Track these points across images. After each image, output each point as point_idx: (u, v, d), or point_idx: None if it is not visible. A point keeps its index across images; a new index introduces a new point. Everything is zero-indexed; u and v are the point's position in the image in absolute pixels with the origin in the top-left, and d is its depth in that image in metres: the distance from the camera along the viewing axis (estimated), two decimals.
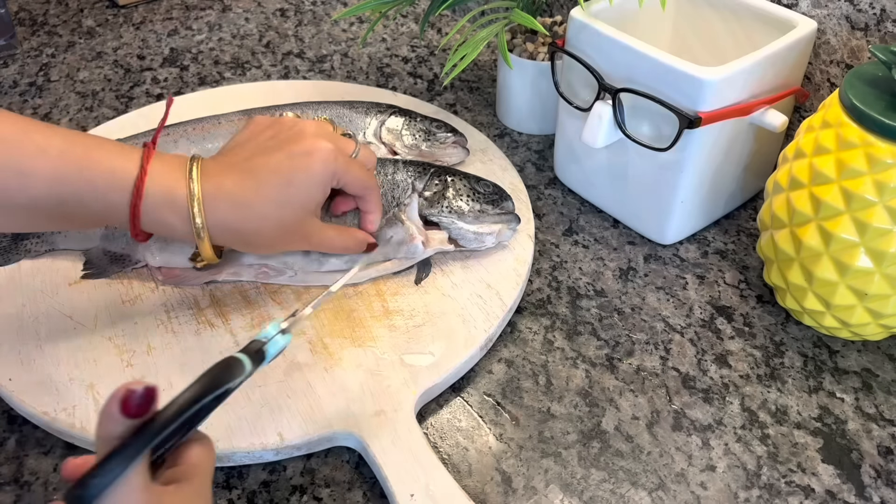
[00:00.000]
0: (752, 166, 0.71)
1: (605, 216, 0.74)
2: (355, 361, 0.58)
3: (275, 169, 0.54)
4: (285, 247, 0.58)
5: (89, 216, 0.52)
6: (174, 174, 0.52)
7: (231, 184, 0.54)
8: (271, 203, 0.54)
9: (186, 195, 0.52)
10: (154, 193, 0.51)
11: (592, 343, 0.63)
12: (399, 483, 0.51)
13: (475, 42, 0.69)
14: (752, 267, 0.69)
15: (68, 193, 0.50)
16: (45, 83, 0.93)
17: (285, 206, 0.55)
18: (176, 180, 0.52)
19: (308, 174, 0.55)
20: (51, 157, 0.49)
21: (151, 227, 0.53)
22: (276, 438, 0.53)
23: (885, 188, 0.52)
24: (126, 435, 0.37)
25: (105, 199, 0.51)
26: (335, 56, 0.98)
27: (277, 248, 0.58)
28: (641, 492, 0.53)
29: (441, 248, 0.65)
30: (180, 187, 0.52)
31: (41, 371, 0.57)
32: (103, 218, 0.52)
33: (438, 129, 0.75)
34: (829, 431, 0.57)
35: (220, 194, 0.53)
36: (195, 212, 0.52)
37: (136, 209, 0.51)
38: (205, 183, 0.53)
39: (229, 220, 0.53)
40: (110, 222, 0.53)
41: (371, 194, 0.61)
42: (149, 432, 0.37)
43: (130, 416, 0.37)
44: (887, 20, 0.65)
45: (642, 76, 0.62)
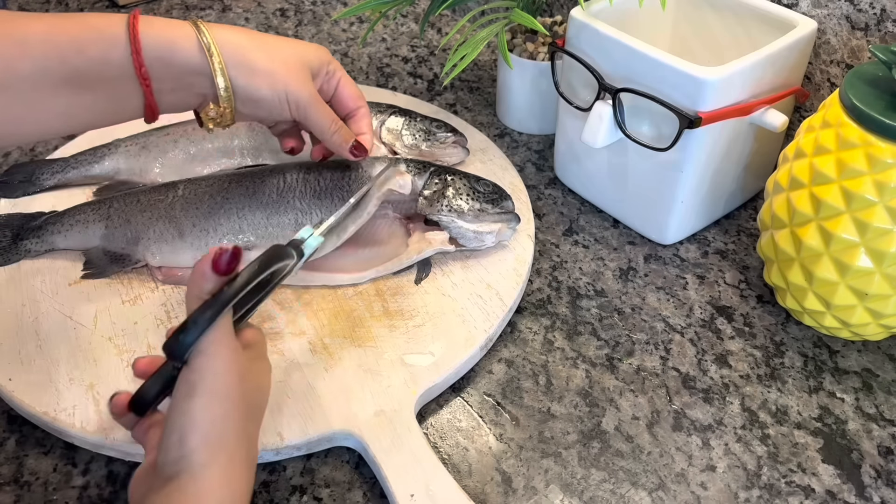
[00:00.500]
0: (752, 166, 0.71)
1: (605, 216, 0.74)
2: (355, 361, 0.58)
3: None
4: (290, 84, 0.57)
5: (93, 71, 0.51)
6: (170, 24, 0.54)
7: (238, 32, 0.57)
8: (282, 41, 0.59)
9: (192, 30, 0.54)
10: (150, 34, 0.52)
11: (592, 343, 0.63)
12: (399, 483, 0.51)
13: (475, 42, 0.69)
14: (752, 267, 0.69)
15: (66, 44, 0.49)
16: None
17: (296, 44, 0.60)
18: (174, 26, 0.54)
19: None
20: (44, 19, 0.50)
21: (156, 57, 0.52)
22: (276, 438, 0.53)
23: (886, 188, 0.52)
24: (214, 291, 0.43)
25: (103, 38, 0.51)
26: (335, 56, 0.98)
27: (281, 83, 0.57)
28: (641, 492, 0.53)
29: (441, 248, 0.65)
30: (182, 27, 0.54)
31: (41, 371, 0.57)
32: (106, 66, 0.51)
33: (438, 129, 0.75)
34: (830, 431, 0.57)
35: (228, 33, 0.55)
36: (205, 37, 0.53)
37: (135, 36, 0.51)
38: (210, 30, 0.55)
39: (242, 44, 0.56)
40: (113, 70, 0.51)
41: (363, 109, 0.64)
42: (233, 289, 0.43)
43: (220, 273, 0.43)
44: (887, 20, 0.65)
45: (642, 76, 0.62)
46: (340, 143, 0.62)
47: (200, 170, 0.73)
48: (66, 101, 0.51)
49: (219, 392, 0.42)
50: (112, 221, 0.66)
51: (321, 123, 0.60)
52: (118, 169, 0.73)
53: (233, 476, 0.42)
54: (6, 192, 0.72)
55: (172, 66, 0.53)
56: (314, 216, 0.64)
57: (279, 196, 0.65)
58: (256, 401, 0.47)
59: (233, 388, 0.43)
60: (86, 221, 0.66)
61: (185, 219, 0.65)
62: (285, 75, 0.57)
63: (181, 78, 0.54)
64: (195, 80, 0.55)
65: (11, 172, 0.73)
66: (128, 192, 0.68)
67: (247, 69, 0.56)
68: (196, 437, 0.41)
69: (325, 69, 0.61)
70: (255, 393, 0.47)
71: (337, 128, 0.61)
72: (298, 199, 0.65)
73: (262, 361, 0.49)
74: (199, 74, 0.54)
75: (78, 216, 0.66)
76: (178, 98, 0.56)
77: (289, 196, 0.65)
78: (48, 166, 0.73)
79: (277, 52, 0.57)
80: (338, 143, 0.62)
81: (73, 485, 0.53)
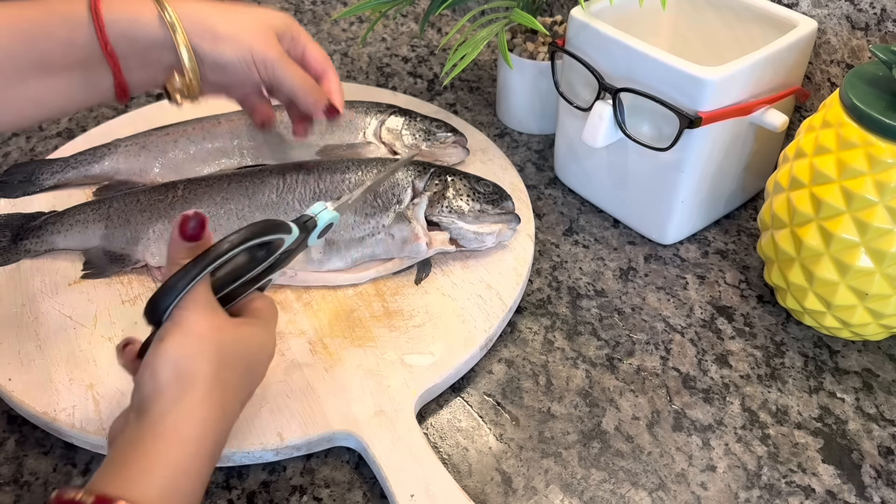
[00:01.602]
0: (752, 166, 0.71)
1: (605, 216, 0.74)
2: (355, 361, 0.58)
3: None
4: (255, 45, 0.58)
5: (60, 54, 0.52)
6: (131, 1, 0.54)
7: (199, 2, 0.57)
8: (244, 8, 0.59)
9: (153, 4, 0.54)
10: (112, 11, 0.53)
11: (593, 343, 0.63)
12: (399, 483, 0.51)
13: (475, 42, 0.69)
14: (752, 267, 0.69)
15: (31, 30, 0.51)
16: None
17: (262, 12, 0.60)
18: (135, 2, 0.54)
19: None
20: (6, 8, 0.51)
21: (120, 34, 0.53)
22: (276, 438, 0.53)
23: (886, 188, 0.52)
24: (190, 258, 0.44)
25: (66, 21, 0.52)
26: (335, 56, 0.98)
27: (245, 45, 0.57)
28: (642, 492, 0.53)
29: (442, 249, 0.65)
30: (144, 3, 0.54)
31: (41, 371, 0.57)
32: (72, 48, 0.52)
33: (438, 128, 0.75)
34: (830, 431, 0.56)
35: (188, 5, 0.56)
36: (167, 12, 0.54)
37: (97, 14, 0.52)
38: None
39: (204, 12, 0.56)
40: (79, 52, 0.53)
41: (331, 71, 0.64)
42: (210, 255, 0.44)
43: (186, 239, 0.45)
44: (887, 20, 0.65)
45: (642, 76, 0.62)
46: (314, 103, 0.62)
47: (200, 170, 0.73)
48: (35, 87, 0.52)
49: (192, 333, 0.43)
50: (112, 221, 0.66)
51: (292, 81, 0.60)
52: (118, 169, 0.73)
53: (204, 416, 0.42)
54: (6, 192, 0.72)
55: (137, 42, 0.54)
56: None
57: (279, 197, 0.65)
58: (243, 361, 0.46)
59: (207, 334, 0.44)
60: (85, 221, 0.66)
61: None
62: (249, 38, 0.57)
63: (147, 53, 0.55)
64: (161, 55, 0.55)
65: (11, 172, 0.73)
66: (127, 192, 0.68)
67: (210, 36, 0.56)
68: (167, 371, 0.42)
69: (290, 33, 0.61)
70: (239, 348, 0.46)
71: (310, 86, 0.61)
72: (298, 200, 0.65)
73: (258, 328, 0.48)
74: (164, 48, 0.55)
75: (78, 216, 0.66)
76: (147, 74, 0.57)
77: (288, 197, 0.65)
78: (48, 166, 0.73)
79: (240, 17, 0.58)
80: (312, 102, 0.62)
81: (73, 485, 0.53)
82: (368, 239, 0.64)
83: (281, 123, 0.75)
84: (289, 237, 0.49)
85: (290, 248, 0.51)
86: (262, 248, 0.48)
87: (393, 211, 0.65)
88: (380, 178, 0.62)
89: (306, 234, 0.51)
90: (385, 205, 0.65)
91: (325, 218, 0.52)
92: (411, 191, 0.66)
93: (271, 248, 0.49)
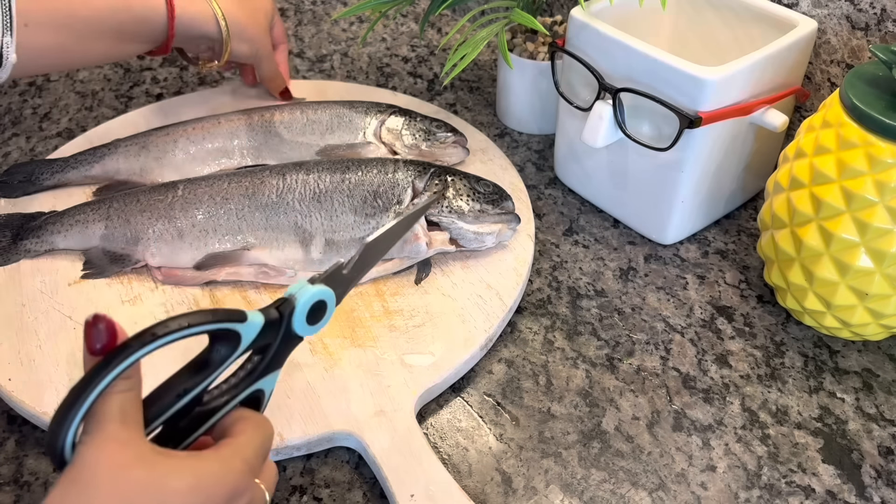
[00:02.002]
0: (752, 166, 0.71)
1: (605, 216, 0.74)
2: (355, 361, 0.58)
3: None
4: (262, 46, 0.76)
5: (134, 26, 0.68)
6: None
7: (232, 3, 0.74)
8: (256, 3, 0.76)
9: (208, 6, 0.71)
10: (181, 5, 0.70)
11: (592, 343, 0.63)
12: (399, 483, 0.51)
13: (475, 42, 0.69)
14: (752, 267, 0.69)
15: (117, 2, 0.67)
16: (44, 83, 0.93)
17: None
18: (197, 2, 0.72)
19: None
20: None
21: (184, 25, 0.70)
22: (276, 438, 0.53)
23: (886, 188, 0.52)
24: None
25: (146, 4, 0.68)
26: (335, 56, 0.98)
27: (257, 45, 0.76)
28: (642, 492, 0.53)
29: (442, 249, 0.65)
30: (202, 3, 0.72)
31: (41, 371, 0.57)
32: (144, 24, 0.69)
33: (438, 129, 0.75)
34: (830, 431, 0.56)
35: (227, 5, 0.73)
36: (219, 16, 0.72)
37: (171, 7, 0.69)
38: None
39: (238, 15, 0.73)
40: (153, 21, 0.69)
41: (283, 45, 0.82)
42: (109, 360, 0.33)
43: (96, 354, 0.34)
44: (887, 20, 0.65)
45: (642, 76, 0.62)
46: (275, 88, 0.81)
47: (200, 170, 0.73)
48: (106, 46, 0.68)
49: (81, 481, 0.32)
50: (112, 221, 0.66)
51: (268, 73, 0.79)
52: (118, 169, 0.73)
53: None
54: (6, 191, 0.72)
55: (192, 32, 0.71)
56: (314, 218, 0.64)
57: (279, 197, 0.65)
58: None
59: (106, 477, 0.32)
60: (86, 221, 0.66)
61: (185, 219, 0.65)
62: (262, 40, 0.76)
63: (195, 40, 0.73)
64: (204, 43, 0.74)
65: (11, 172, 0.73)
66: (127, 192, 0.68)
67: (239, 38, 0.74)
68: None
69: (275, 17, 0.79)
70: (166, 496, 0.33)
71: (275, 74, 0.79)
72: (298, 200, 0.65)
73: (213, 460, 0.35)
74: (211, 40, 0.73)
75: (78, 216, 0.66)
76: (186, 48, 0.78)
77: (288, 197, 0.65)
78: (48, 166, 0.73)
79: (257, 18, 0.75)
80: (273, 87, 0.81)
81: None
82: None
83: (281, 123, 0.75)
84: (243, 327, 0.38)
85: (263, 344, 0.40)
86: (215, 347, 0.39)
87: (393, 211, 0.65)
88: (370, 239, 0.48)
89: (281, 321, 0.41)
90: (385, 205, 0.65)
91: (307, 296, 0.41)
92: (411, 191, 0.66)
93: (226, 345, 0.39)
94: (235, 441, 0.37)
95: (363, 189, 0.65)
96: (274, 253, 0.64)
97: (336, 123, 0.75)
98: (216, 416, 0.39)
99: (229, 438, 0.37)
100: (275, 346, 0.41)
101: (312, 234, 0.64)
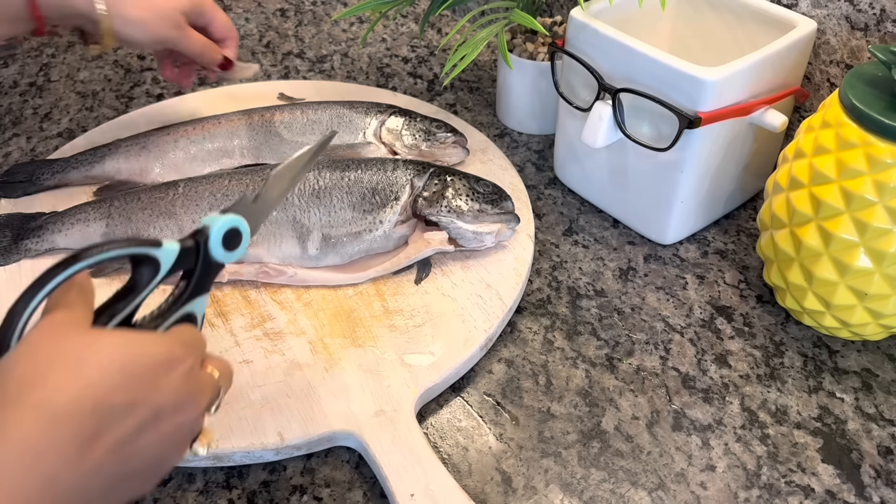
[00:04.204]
0: (751, 166, 0.71)
1: (605, 216, 0.74)
2: (355, 361, 0.58)
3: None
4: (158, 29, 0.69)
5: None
6: None
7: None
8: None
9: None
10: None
11: (592, 343, 0.63)
12: (399, 483, 0.51)
13: (475, 42, 0.69)
14: (752, 267, 0.69)
15: None
16: (45, 83, 0.93)
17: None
18: None
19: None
20: None
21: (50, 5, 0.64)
22: (276, 438, 0.53)
23: (885, 188, 0.52)
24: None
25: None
26: (335, 56, 0.98)
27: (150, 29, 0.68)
28: (641, 492, 0.53)
29: (441, 249, 0.65)
30: None
31: None
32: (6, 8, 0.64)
33: (438, 129, 0.75)
34: (829, 431, 0.57)
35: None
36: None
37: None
38: None
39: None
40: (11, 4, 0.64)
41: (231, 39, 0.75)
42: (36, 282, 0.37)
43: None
44: (887, 20, 0.65)
45: (642, 76, 0.62)
46: (210, 63, 0.73)
47: (200, 170, 0.73)
48: None
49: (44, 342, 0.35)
50: (113, 220, 0.66)
51: (190, 48, 0.71)
52: (118, 169, 0.73)
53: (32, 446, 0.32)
54: (6, 192, 0.72)
55: (64, 10, 0.66)
56: (312, 214, 0.64)
57: None
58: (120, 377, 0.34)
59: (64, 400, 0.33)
60: (86, 220, 0.66)
61: (186, 216, 0.65)
62: (157, 24, 0.69)
63: (70, 19, 0.68)
64: (78, 20, 0.68)
65: (11, 172, 0.73)
66: (129, 192, 0.68)
67: (123, 20, 0.67)
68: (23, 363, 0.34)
69: (197, 9, 0.71)
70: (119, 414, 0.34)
71: (205, 50, 0.72)
72: (297, 196, 0.65)
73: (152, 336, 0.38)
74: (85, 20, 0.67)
75: (79, 215, 0.66)
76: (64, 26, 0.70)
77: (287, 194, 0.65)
78: (48, 166, 0.73)
79: (152, 3, 0.69)
80: (207, 60, 0.73)
81: None
82: (365, 235, 0.64)
83: (281, 123, 0.75)
84: (160, 251, 0.41)
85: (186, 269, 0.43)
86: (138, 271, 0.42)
87: (390, 208, 0.65)
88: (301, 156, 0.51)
89: (198, 248, 0.43)
90: (383, 201, 0.65)
91: (219, 224, 0.44)
92: (409, 188, 0.66)
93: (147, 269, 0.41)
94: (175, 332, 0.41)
95: (362, 186, 0.65)
96: (271, 249, 0.64)
97: (336, 123, 0.75)
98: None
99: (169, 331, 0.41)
100: (197, 272, 0.44)
101: (310, 230, 0.64)
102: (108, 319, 0.40)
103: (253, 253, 0.64)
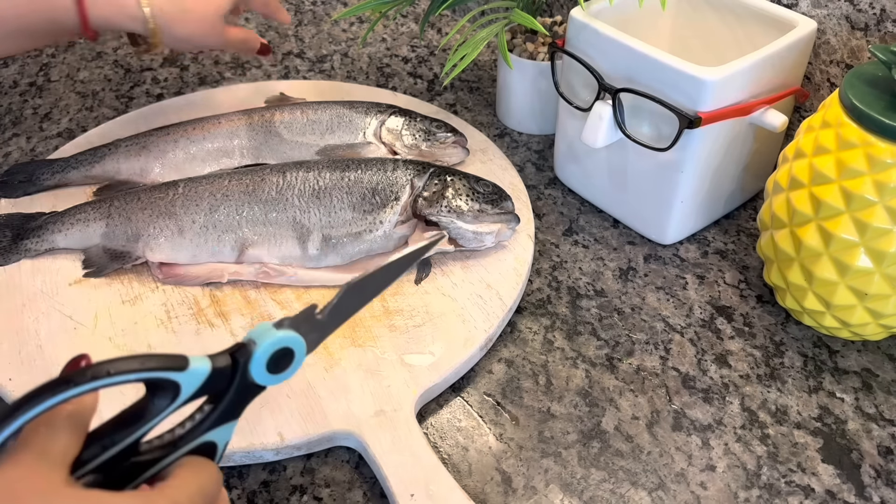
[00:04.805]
0: (751, 166, 0.71)
1: (605, 216, 0.74)
2: (355, 361, 0.58)
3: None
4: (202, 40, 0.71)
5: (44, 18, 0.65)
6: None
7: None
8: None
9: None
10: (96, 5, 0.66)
11: (592, 343, 0.63)
12: (399, 483, 0.51)
13: (475, 42, 0.69)
14: (752, 267, 0.69)
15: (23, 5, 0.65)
16: (45, 83, 0.93)
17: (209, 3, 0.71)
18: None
19: None
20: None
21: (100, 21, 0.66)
22: (276, 438, 0.53)
23: (885, 188, 0.52)
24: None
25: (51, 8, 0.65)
26: (335, 56, 0.98)
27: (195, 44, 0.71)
28: (641, 492, 0.53)
29: (441, 249, 0.65)
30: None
31: (41, 371, 0.57)
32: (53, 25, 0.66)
33: (438, 129, 0.75)
34: (829, 431, 0.57)
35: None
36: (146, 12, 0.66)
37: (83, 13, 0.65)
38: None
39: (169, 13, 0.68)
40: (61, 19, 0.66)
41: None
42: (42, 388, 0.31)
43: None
44: (887, 20, 0.65)
45: (642, 76, 0.62)
46: (249, 54, 0.77)
47: (200, 170, 0.73)
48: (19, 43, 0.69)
49: None
50: (113, 219, 0.66)
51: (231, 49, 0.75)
52: (118, 169, 0.73)
53: None
54: (6, 191, 0.72)
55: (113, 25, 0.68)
56: (312, 214, 0.64)
57: (278, 193, 0.65)
58: None
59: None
60: (86, 220, 0.66)
61: (185, 215, 0.65)
62: (201, 37, 0.71)
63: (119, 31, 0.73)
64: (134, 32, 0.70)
65: (11, 172, 0.73)
66: (128, 191, 0.68)
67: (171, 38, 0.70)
68: None
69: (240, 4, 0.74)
70: None
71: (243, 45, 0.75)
72: (297, 196, 0.65)
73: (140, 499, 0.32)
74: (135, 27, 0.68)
75: (79, 215, 0.66)
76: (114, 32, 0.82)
77: (287, 193, 0.65)
78: (48, 166, 0.73)
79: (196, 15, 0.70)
80: (248, 54, 0.79)
81: None
82: (365, 235, 0.64)
83: (281, 123, 0.75)
84: (182, 376, 0.34)
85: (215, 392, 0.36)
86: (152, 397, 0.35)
87: (390, 208, 0.65)
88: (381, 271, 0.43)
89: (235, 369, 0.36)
90: (383, 202, 0.65)
91: (267, 343, 0.36)
92: (409, 189, 0.66)
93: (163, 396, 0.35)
94: (166, 483, 0.34)
95: (362, 186, 0.65)
96: (271, 249, 0.64)
97: (336, 123, 0.75)
98: (156, 466, 0.35)
99: (161, 482, 0.34)
100: (229, 396, 0.36)
101: (310, 230, 0.64)
102: (99, 451, 0.33)
103: (253, 253, 0.64)
